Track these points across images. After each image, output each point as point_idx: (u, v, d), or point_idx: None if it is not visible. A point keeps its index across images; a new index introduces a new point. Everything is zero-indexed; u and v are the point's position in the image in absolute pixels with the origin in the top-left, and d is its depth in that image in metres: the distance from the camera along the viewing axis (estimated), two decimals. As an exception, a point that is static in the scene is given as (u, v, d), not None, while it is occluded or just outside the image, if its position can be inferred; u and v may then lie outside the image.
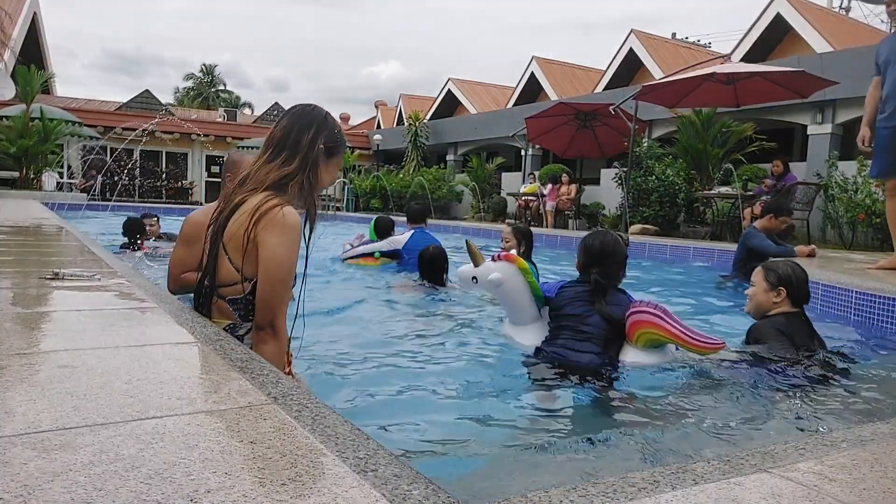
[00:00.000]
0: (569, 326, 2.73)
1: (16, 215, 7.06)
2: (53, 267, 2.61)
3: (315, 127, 1.99)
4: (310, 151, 1.96)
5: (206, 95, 46.68)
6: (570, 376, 2.51)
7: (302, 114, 2.01)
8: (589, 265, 2.81)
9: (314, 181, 1.99)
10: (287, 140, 1.96)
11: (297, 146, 1.95)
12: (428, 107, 25.69)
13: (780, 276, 2.90)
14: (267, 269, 1.83)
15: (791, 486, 1.04)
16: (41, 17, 22.99)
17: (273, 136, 1.99)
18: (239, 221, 1.86)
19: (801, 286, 2.89)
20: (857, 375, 2.77)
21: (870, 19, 23.22)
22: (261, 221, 1.82)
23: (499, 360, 2.93)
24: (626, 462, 1.85)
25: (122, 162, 20.03)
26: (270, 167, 1.94)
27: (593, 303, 2.72)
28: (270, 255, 1.82)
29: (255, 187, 1.92)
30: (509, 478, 1.73)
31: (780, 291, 2.87)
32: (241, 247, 1.85)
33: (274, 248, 1.82)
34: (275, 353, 1.84)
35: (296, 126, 1.98)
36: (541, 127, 13.46)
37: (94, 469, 0.88)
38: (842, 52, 11.55)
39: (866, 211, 8.95)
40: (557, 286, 2.91)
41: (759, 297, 2.94)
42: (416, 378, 2.64)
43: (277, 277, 1.84)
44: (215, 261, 1.91)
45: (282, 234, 1.82)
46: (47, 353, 1.47)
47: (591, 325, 2.68)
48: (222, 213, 1.95)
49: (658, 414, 2.26)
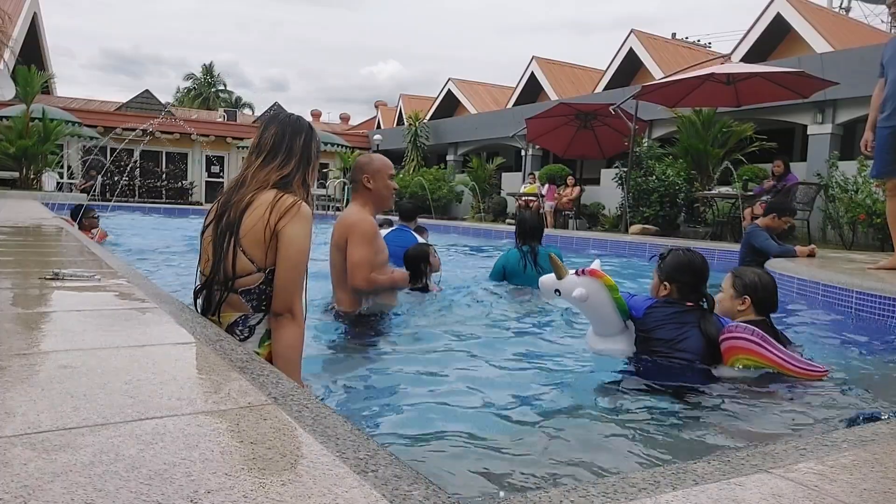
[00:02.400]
0: (660, 352, 2.64)
1: (16, 215, 7.06)
2: (53, 267, 2.61)
3: (305, 133, 2.17)
4: (304, 154, 2.15)
5: (206, 96, 46.69)
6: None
7: (289, 121, 2.18)
8: (695, 284, 2.72)
9: (310, 179, 2.17)
10: (281, 145, 2.12)
11: (291, 150, 2.12)
12: (428, 107, 25.70)
13: (746, 284, 2.86)
14: (288, 257, 1.97)
15: (791, 486, 1.04)
16: (41, 17, 23.00)
17: (264, 142, 2.13)
18: (255, 216, 1.98)
19: (766, 295, 2.84)
20: (858, 376, 2.77)
21: (870, 19, 23.23)
22: (282, 213, 1.97)
23: (498, 359, 2.93)
24: (626, 462, 1.85)
25: (121, 162, 20.04)
26: (269, 169, 2.08)
27: (688, 324, 2.64)
28: (291, 242, 1.97)
29: (260, 187, 2.05)
30: (509, 478, 1.73)
31: (744, 300, 2.84)
32: (260, 240, 1.97)
33: (295, 236, 1.97)
34: (296, 336, 2.00)
35: (287, 132, 2.14)
36: (541, 127, 13.47)
37: (94, 469, 0.88)
38: (842, 52, 11.55)
39: (867, 211, 8.95)
40: (644, 305, 2.76)
41: (725, 304, 2.90)
42: (415, 378, 2.64)
43: (297, 263, 1.99)
44: (233, 257, 2.00)
45: (301, 224, 1.98)
46: (47, 354, 1.47)
47: (685, 351, 2.59)
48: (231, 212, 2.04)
49: (658, 414, 2.26)
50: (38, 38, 23.20)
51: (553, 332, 3.57)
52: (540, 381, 2.64)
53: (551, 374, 2.77)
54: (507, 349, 3.14)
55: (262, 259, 1.99)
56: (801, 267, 4.85)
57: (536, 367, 2.86)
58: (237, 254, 1.99)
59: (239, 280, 2.00)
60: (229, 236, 2.01)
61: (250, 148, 2.18)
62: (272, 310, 2.01)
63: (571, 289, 2.77)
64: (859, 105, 10.93)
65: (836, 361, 3.04)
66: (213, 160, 23.00)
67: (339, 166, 22.82)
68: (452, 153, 21.71)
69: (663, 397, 2.43)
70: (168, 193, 21.18)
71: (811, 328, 3.86)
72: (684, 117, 11.73)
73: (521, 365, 2.85)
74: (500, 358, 2.96)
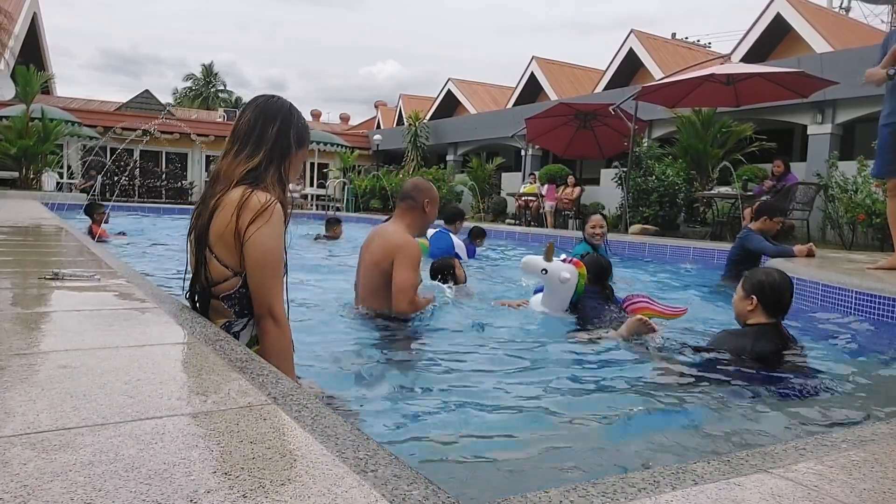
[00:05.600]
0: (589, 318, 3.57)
1: (16, 215, 7.06)
2: (53, 267, 2.61)
3: (280, 119, 1.98)
4: (276, 144, 1.95)
5: (205, 96, 46.68)
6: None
7: (266, 106, 1.99)
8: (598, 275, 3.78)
9: (286, 173, 1.98)
10: (252, 133, 1.95)
11: (261, 139, 1.94)
12: (428, 107, 25.70)
13: (753, 283, 2.78)
14: (256, 261, 1.85)
15: (791, 486, 1.04)
16: (41, 17, 23.00)
17: (238, 130, 1.97)
18: (223, 219, 1.86)
19: (774, 295, 2.74)
20: (857, 376, 2.77)
21: (870, 19, 23.22)
22: (244, 214, 1.83)
23: (498, 360, 2.93)
24: (626, 462, 1.85)
25: (121, 162, 20.03)
26: (237, 162, 1.93)
27: (605, 299, 3.74)
28: (258, 246, 1.84)
29: (227, 185, 1.91)
30: (509, 478, 1.73)
31: (751, 300, 2.76)
32: (230, 244, 1.87)
33: (259, 237, 1.84)
34: (280, 341, 1.89)
35: (260, 119, 1.96)
36: (541, 127, 13.46)
37: (94, 469, 0.88)
38: (842, 52, 11.54)
39: (866, 211, 8.95)
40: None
41: (737, 305, 2.86)
42: (414, 378, 2.64)
43: (267, 266, 1.86)
44: (206, 263, 1.91)
45: (269, 226, 1.84)
46: (47, 354, 1.47)
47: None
48: (202, 216, 1.94)
49: (658, 414, 2.26)
50: (38, 38, 23.20)
51: (553, 332, 3.56)
52: (539, 381, 2.64)
53: (550, 374, 2.77)
54: (507, 350, 3.13)
55: (235, 263, 1.89)
56: (800, 267, 4.84)
57: (536, 368, 2.86)
58: (209, 260, 1.90)
59: (217, 286, 1.91)
60: (203, 242, 1.91)
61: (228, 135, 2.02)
62: (254, 314, 1.92)
63: (559, 271, 3.53)
64: (859, 105, 10.94)
65: (836, 361, 3.03)
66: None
67: (338, 166, 22.83)
68: (452, 153, 21.71)
69: (663, 397, 2.43)
70: (168, 193, 21.17)
71: (811, 328, 3.86)
72: (684, 117, 11.73)
73: (521, 366, 2.85)
74: (500, 360, 2.96)
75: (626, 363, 2.90)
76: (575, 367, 2.90)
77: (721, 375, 2.61)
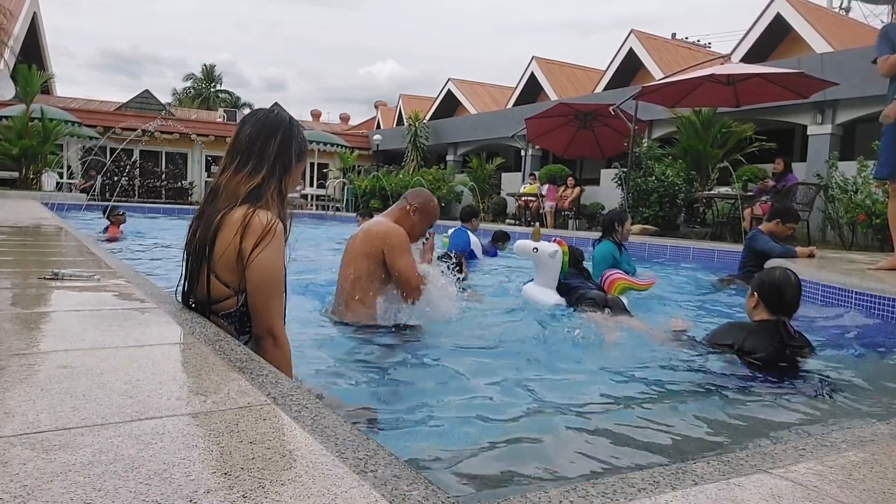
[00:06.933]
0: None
1: (16, 215, 7.06)
2: (53, 267, 2.61)
3: (281, 133, 1.97)
4: (278, 158, 1.95)
5: (205, 96, 46.66)
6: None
7: (266, 121, 1.99)
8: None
9: (285, 187, 1.98)
10: (253, 148, 1.94)
11: (263, 154, 1.93)
12: (428, 107, 25.69)
13: (756, 281, 2.84)
14: (259, 282, 1.86)
15: (791, 486, 1.04)
16: (41, 16, 23.00)
17: (238, 144, 1.96)
18: (225, 238, 1.86)
19: (773, 292, 2.76)
20: (857, 376, 2.77)
21: (870, 19, 23.19)
22: (248, 237, 1.83)
23: (498, 362, 2.93)
24: (626, 462, 1.85)
25: (121, 162, 20.02)
26: (240, 178, 1.92)
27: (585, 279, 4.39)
28: (259, 267, 1.85)
29: (232, 203, 1.90)
30: (509, 478, 1.73)
31: (754, 296, 2.82)
32: (232, 264, 1.86)
33: (262, 260, 1.84)
34: (280, 361, 1.86)
35: (261, 133, 1.95)
36: (540, 127, 13.46)
37: (94, 469, 0.88)
38: (842, 53, 11.54)
39: (866, 212, 8.95)
40: None
41: (747, 301, 2.93)
42: (415, 378, 2.64)
43: (268, 286, 1.87)
44: (207, 279, 1.90)
45: (272, 248, 1.85)
46: (46, 354, 1.47)
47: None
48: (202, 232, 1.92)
49: (657, 414, 2.26)
50: (38, 38, 23.19)
51: (552, 333, 3.56)
52: (538, 381, 2.64)
53: (550, 374, 2.77)
54: (507, 351, 3.13)
55: (236, 283, 1.89)
56: (800, 267, 4.84)
57: (535, 368, 2.86)
58: (210, 279, 1.89)
59: (216, 304, 1.91)
60: (202, 260, 1.90)
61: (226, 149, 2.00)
62: (253, 333, 1.92)
63: (548, 248, 4.22)
64: (859, 105, 10.94)
65: (836, 362, 3.03)
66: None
67: (338, 166, 22.82)
68: (452, 153, 21.71)
69: (663, 397, 2.43)
70: (168, 193, 21.17)
71: (810, 328, 3.86)
72: (684, 118, 11.72)
73: (519, 366, 2.85)
74: (500, 360, 2.96)
75: (626, 363, 2.91)
76: (576, 367, 2.90)
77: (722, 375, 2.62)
